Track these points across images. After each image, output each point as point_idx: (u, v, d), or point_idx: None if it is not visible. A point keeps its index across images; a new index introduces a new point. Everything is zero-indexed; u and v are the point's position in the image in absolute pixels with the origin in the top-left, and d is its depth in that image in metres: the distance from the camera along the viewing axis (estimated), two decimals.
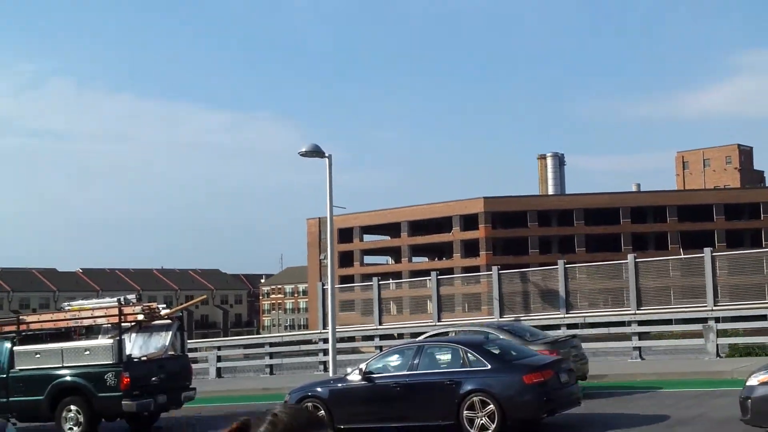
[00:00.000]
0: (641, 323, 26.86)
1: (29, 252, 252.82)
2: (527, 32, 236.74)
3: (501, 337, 17.92)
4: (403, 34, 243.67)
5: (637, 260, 27.99)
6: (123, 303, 19.83)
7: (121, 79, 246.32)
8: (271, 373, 32.34)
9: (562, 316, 28.15)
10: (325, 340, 29.69)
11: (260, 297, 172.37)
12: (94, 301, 21.36)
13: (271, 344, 33.43)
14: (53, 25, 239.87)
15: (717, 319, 25.56)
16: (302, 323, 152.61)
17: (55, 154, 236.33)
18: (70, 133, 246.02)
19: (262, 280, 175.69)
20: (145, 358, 19.71)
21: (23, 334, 20.24)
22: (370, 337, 31.68)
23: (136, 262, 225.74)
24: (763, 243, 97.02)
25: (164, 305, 21.10)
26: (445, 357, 15.95)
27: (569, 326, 27.80)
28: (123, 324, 19.17)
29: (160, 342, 20.00)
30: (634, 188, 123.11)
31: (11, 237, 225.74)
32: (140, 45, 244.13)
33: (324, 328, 30.78)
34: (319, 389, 16.42)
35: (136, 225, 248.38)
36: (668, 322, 27.35)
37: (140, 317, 19.40)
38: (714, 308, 25.68)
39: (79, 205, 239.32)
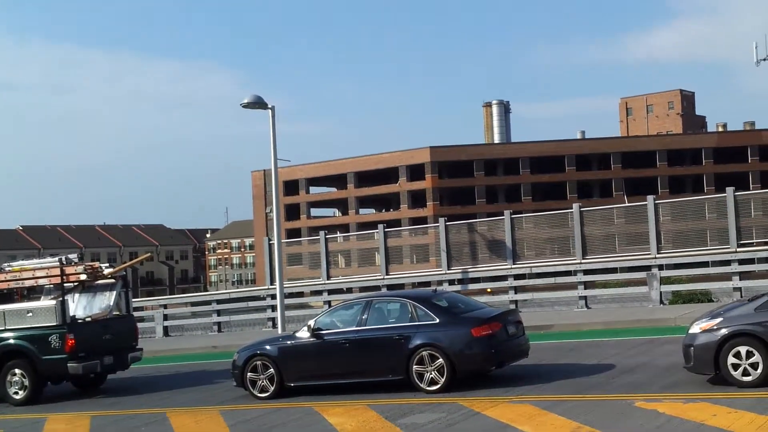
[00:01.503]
0: (586, 272, 27.12)
1: None
2: None
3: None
4: None
5: (581, 209, 28.16)
6: (65, 263, 19.42)
7: (62, 28, 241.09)
8: (220, 330, 32.18)
9: (509, 266, 28.31)
10: (273, 296, 29.60)
11: (206, 252, 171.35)
12: (35, 261, 20.87)
13: (219, 301, 33.22)
14: None
15: (660, 267, 25.90)
16: (250, 278, 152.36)
17: None
18: (9, 84, 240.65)
19: (208, 235, 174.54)
20: (89, 319, 19.41)
21: None
22: (319, 292, 31.63)
23: (78, 219, 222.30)
24: (705, 189, 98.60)
25: (107, 264, 20.74)
26: (393, 312, 15.91)
27: (516, 276, 28.01)
28: (66, 284, 18.84)
29: (104, 302, 19.69)
30: (578, 136, 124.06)
31: None
32: None
33: (272, 284, 30.65)
34: (267, 347, 16.30)
35: (77, 180, 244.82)
36: (613, 270, 27.68)
37: (83, 277, 19.06)
38: (657, 256, 25.99)
39: (17, 158, 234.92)
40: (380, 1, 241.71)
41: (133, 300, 25.36)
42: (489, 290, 29.81)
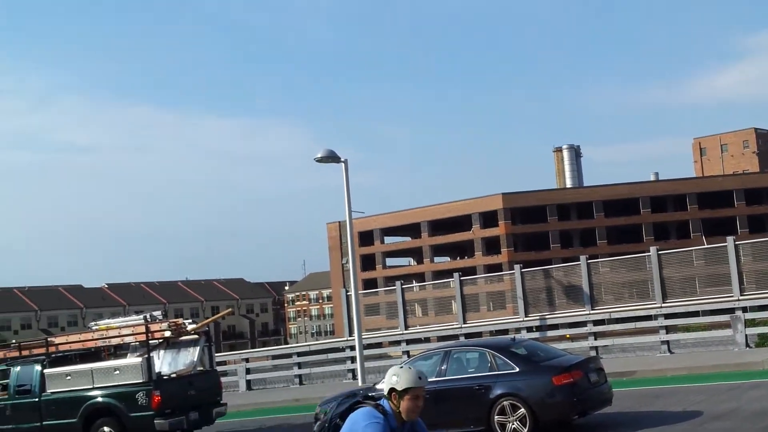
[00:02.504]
0: (667, 316, 26.71)
1: (55, 270, 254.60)
2: (536, 25, 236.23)
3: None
4: (413, 33, 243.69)
5: (659, 252, 27.83)
6: (149, 320, 19.85)
7: (136, 90, 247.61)
8: (301, 383, 32.37)
9: (588, 312, 28.03)
10: (352, 348, 29.74)
11: (285, 305, 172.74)
12: (121, 319, 21.39)
13: (299, 354, 33.44)
14: (65, 39, 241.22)
15: (744, 309, 25.37)
16: (328, 329, 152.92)
17: (73, 169, 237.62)
18: (89, 146, 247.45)
19: (287, 288, 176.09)
20: (174, 375, 19.73)
21: (53, 356, 20.33)
22: (397, 342, 31.69)
23: (161, 275, 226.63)
24: None
25: (190, 320, 21.10)
26: (472, 361, 15.92)
27: (595, 322, 27.71)
28: (151, 342, 19.20)
29: (188, 358, 20.00)
30: (652, 177, 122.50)
31: (36, 255, 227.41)
32: (152, 56, 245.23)
33: (350, 335, 30.82)
34: None
35: (158, 237, 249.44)
36: (695, 313, 27.15)
37: (167, 334, 19.45)
38: (740, 297, 25.50)
39: (101, 219, 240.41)
40: (445, 48, 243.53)
41: (216, 354, 25.70)
42: (568, 336, 29.53)
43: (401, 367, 6.27)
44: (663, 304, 26.77)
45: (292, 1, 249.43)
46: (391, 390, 6.15)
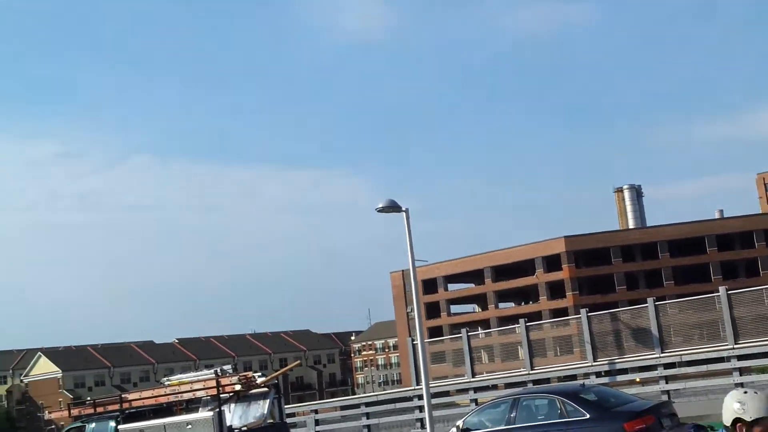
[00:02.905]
0: (740, 357, 26.21)
1: (126, 326, 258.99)
2: (589, 64, 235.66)
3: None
4: (467, 79, 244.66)
5: (729, 291, 27.42)
6: (220, 374, 20.20)
7: (203, 148, 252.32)
8: None
9: (657, 355, 27.66)
10: (420, 397, 29.69)
11: (352, 354, 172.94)
12: (192, 374, 21.81)
13: (367, 404, 33.47)
14: (133, 101, 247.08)
15: None
16: (395, 378, 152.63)
17: (142, 227, 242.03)
18: (157, 204, 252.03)
19: (353, 338, 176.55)
20: (245, 428, 20.00)
21: (126, 412, 20.76)
22: (465, 390, 31.56)
23: (229, 329, 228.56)
24: None
25: (260, 373, 21.41)
26: (542, 408, 15.88)
27: (665, 366, 27.31)
28: (221, 395, 19.52)
29: (258, 411, 20.29)
30: (717, 215, 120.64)
31: (108, 313, 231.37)
32: (219, 115, 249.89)
33: (417, 384, 30.78)
34: None
35: (226, 291, 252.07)
36: None
37: (237, 387, 19.74)
38: None
39: (170, 275, 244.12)
40: (501, 92, 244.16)
41: (285, 406, 25.92)
42: (638, 380, 29.15)
43: (745, 393, 5.43)
44: (735, 345, 26.31)
45: (352, 57, 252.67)
46: (736, 420, 5.33)
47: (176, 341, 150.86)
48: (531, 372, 30.04)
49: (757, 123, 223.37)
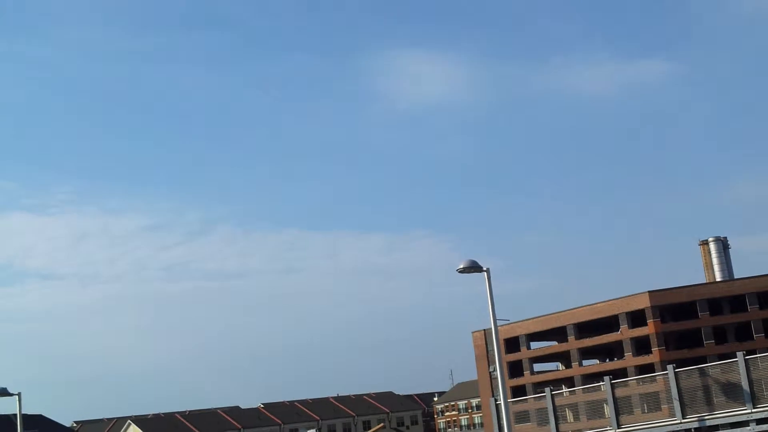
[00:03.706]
0: None
1: (212, 393, 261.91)
2: (663, 116, 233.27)
3: None
4: (541, 135, 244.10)
5: None
6: None
7: (283, 216, 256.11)
8: None
9: (749, 411, 27.03)
10: None
11: (435, 416, 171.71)
12: None
13: None
14: (215, 175, 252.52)
15: None
16: None
17: (225, 294, 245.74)
18: (239, 273, 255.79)
19: (435, 398, 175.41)
20: None
21: None
22: None
23: (313, 392, 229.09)
24: None
25: None
26: None
27: (758, 421, 26.66)
28: None
29: None
30: None
31: (195, 379, 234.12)
32: (295, 184, 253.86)
33: None
34: None
35: (310, 354, 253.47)
36: None
37: None
38: None
39: (255, 340, 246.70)
40: (578, 146, 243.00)
41: None
42: None
43: None
44: None
45: (427, 118, 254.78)
46: None
47: (261, 406, 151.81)
48: (618, 430, 29.58)
49: None
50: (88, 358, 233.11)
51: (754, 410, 27.00)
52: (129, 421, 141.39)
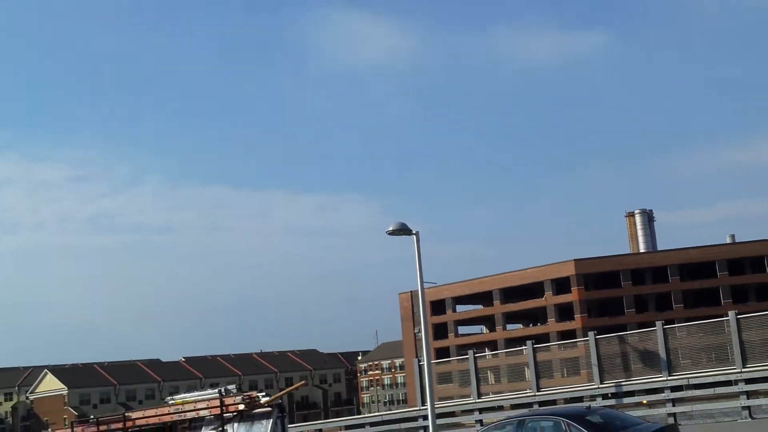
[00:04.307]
0: (748, 381, 26.05)
1: (134, 345, 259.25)
2: (604, 90, 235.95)
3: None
4: (480, 103, 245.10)
5: (738, 315, 27.29)
6: (224, 394, 20.13)
7: (213, 173, 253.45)
8: None
9: (665, 378, 27.50)
10: (425, 417, 29.52)
11: (358, 374, 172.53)
12: (197, 393, 21.74)
13: (372, 424, 33.34)
14: (145, 127, 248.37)
15: None
16: (401, 398, 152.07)
17: (152, 247, 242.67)
18: (168, 228, 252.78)
19: (359, 357, 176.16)
20: None
21: (129, 430, 20.68)
22: (470, 411, 31.39)
23: (236, 348, 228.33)
24: None
25: (264, 392, 21.34)
26: (547, 430, 15.75)
27: (673, 388, 27.14)
28: (225, 415, 19.44)
29: (261, 429, 20.21)
30: (728, 240, 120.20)
31: (116, 332, 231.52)
32: (230, 139, 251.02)
33: (423, 404, 30.63)
34: None
35: (234, 311, 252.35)
36: None
37: (241, 407, 19.67)
38: None
39: (178, 295, 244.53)
40: (513, 117, 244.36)
41: (290, 425, 25.81)
42: (644, 402, 28.96)
43: None
44: (743, 369, 26.16)
45: (369, 84, 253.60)
46: None
47: (183, 360, 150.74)
48: (537, 393, 29.88)
49: (763, 149, 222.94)
50: (5, 306, 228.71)
51: (669, 378, 27.47)
52: (46, 370, 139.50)
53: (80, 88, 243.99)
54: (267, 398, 20.56)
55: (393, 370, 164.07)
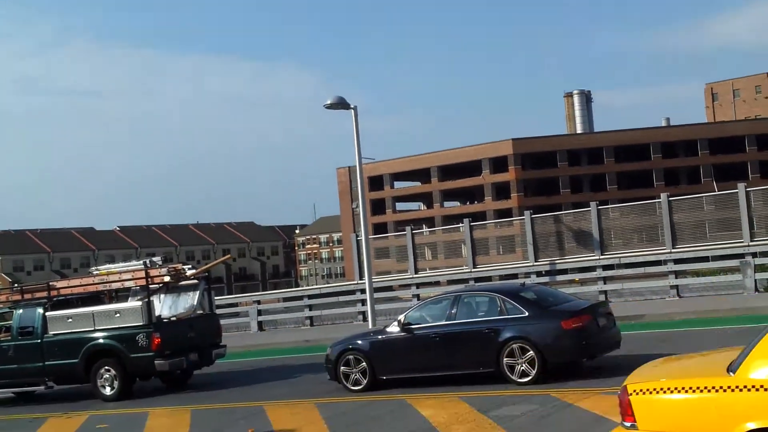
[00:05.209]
0: (677, 261, 26.62)
1: (67, 213, 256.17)
2: None
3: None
4: None
5: (670, 197, 27.65)
6: (149, 266, 19.99)
7: (144, 34, 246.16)
8: (312, 324, 32.55)
9: (597, 257, 27.96)
10: (363, 291, 29.77)
11: (296, 248, 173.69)
12: (122, 264, 21.56)
13: (310, 296, 33.59)
14: None
15: (754, 254, 25.31)
16: (339, 272, 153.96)
17: (82, 112, 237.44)
18: (96, 90, 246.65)
19: (297, 231, 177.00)
20: (174, 318, 20.06)
21: (54, 299, 20.45)
22: (407, 286, 31.71)
23: (173, 218, 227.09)
24: None
25: (190, 266, 21.18)
26: (482, 305, 15.86)
27: (604, 267, 27.63)
28: (150, 286, 19.31)
29: (188, 302, 20.32)
30: (663, 123, 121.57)
31: (47, 198, 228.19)
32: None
33: (360, 279, 30.85)
34: (359, 342, 16.54)
35: (170, 180, 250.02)
36: (705, 259, 27.10)
37: (167, 279, 19.55)
38: (750, 243, 25.44)
39: (110, 163, 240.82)
40: None
41: (228, 296, 25.82)
42: (577, 280, 29.51)
43: None
44: (673, 250, 26.69)
45: None
46: None
47: (117, 229, 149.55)
48: (473, 270, 30.24)
49: (708, 35, 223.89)
50: None
51: (602, 257, 27.94)
52: None
53: None
54: (193, 271, 20.46)
55: (331, 244, 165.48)
